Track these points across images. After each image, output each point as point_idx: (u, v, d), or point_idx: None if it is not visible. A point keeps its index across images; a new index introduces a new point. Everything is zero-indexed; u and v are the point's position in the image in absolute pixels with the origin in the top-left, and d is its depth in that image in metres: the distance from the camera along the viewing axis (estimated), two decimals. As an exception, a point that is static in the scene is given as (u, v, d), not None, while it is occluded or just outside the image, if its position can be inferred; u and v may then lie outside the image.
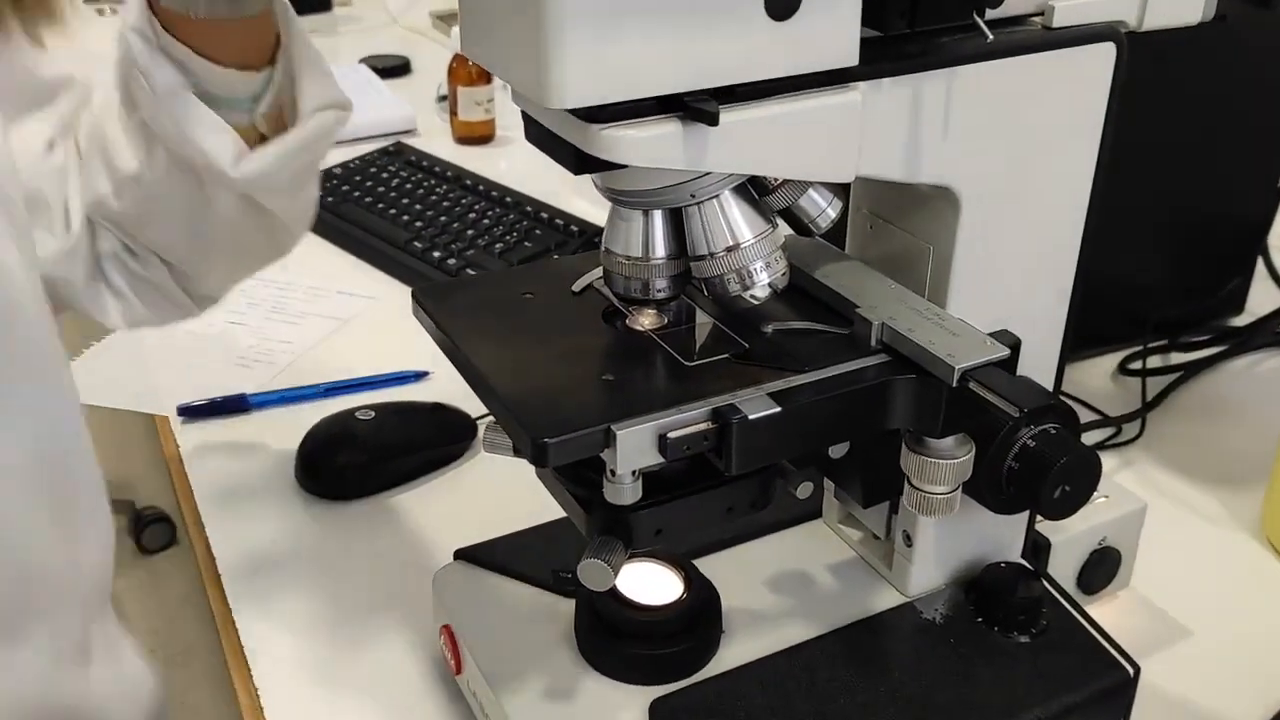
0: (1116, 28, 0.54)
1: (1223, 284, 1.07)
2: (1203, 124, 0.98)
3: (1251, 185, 1.05)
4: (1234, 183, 1.04)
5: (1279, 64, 0.99)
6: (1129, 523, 0.73)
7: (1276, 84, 1.00)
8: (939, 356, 0.49)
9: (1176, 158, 0.98)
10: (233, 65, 0.63)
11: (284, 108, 0.66)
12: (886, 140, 0.50)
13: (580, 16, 0.41)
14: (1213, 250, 1.06)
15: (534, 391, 0.49)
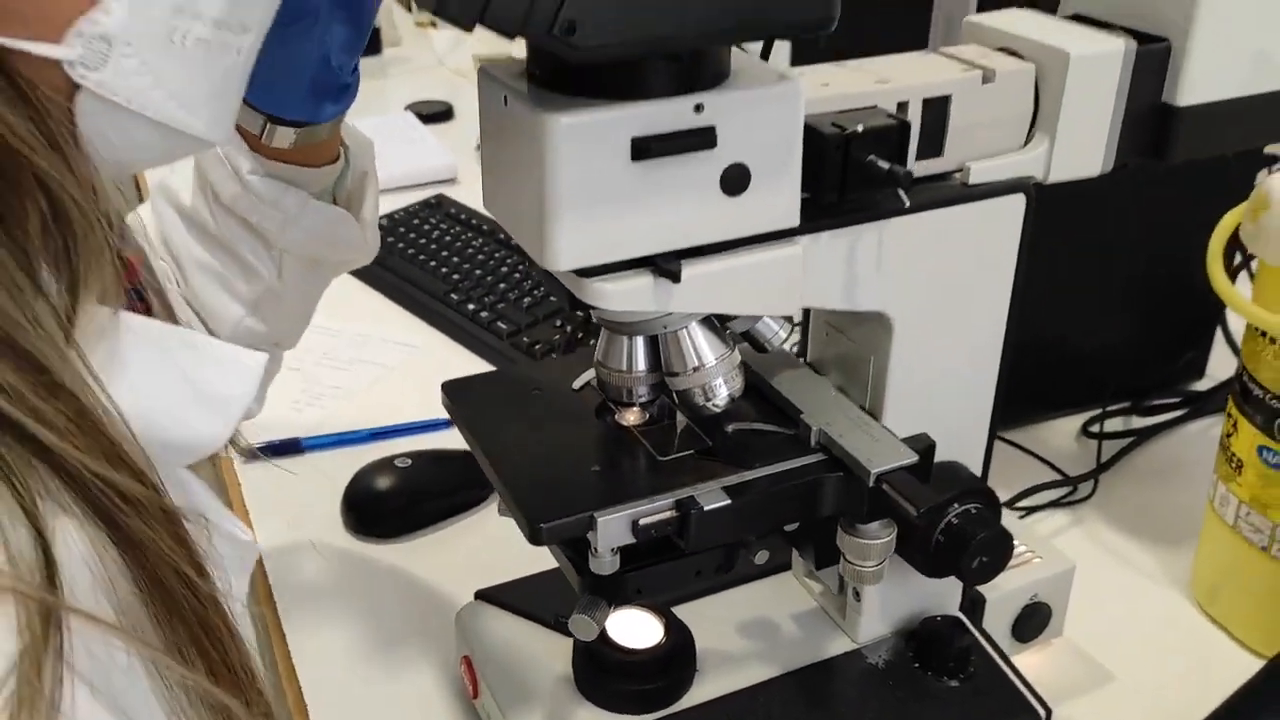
0: (1026, 181, 0.66)
1: (1184, 351, 1.17)
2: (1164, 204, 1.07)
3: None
4: (1194, 257, 1.14)
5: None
6: (1059, 581, 0.84)
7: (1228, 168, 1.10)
8: (860, 461, 0.60)
9: (1140, 235, 1.08)
10: (324, 164, 0.76)
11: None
12: (826, 279, 0.62)
13: (571, 203, 0.53)
14: (1175, 319, 1.16)
15: (533, 481, 0.61)
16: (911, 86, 0.62)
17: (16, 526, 0.37)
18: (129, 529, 0.41)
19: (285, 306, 0.80)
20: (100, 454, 0.40)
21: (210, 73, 0.46)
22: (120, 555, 0.41)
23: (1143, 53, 0.65)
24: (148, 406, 0.44)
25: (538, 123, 0.51)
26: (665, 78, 0.52)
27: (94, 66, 0.42)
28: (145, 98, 0.44)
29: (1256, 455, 0.82)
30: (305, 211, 0.73)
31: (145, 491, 0.42)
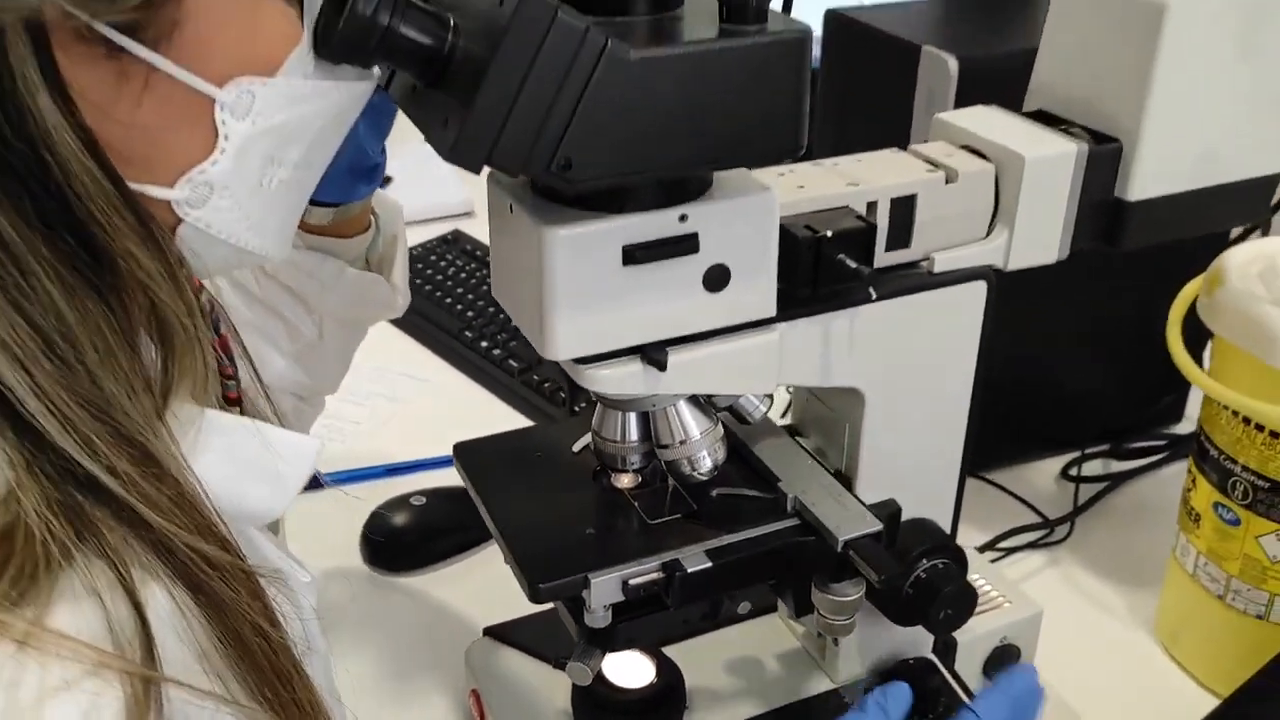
0: (987, 270, 0.72)
1: (1162, 395, 1.23)
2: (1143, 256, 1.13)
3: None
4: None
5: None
6: (1027, 624, 0.90)
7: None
8: (830, 528, 0.66)
9: (1121, 285, 1.14)
10: (357, 234, 0.82)
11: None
12: (802, 361, 0.68)
13: (568, 302, 0.59)
14: (1154, 365, 1.21)
15: (533, 542, 0.67)
16: (880, 188, 0.68)
17: (117, 602, 0.44)
18: (214, 591, 0.48)
19: (325, 358, 0.87)
20: (194, 528, 0.47)
21: (284, 206, 0.54)
22: (203, 614, 0.48)
23: (1095, 153, 0.71)
24: (223, 483, 0.51)
25: (538, 233, 0.57)
26: (653, 193, 0.59)
27: (196, 205, 0.49)
28: (231, 229, 0.52)
29: (1213, 511, 0.88)
30: (341, 279, 0.80)
31: (229, 558, 0.49)
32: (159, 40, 0.44)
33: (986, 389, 1.13)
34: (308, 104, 0.51)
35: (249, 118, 0.48)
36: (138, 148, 0.46)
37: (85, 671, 0.42)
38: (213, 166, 0.49)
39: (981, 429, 1.14)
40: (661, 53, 0.51)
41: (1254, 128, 0.74)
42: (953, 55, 0.95)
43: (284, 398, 0.86)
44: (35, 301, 0.42)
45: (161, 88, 0.46)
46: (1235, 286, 0.83)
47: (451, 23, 0.52)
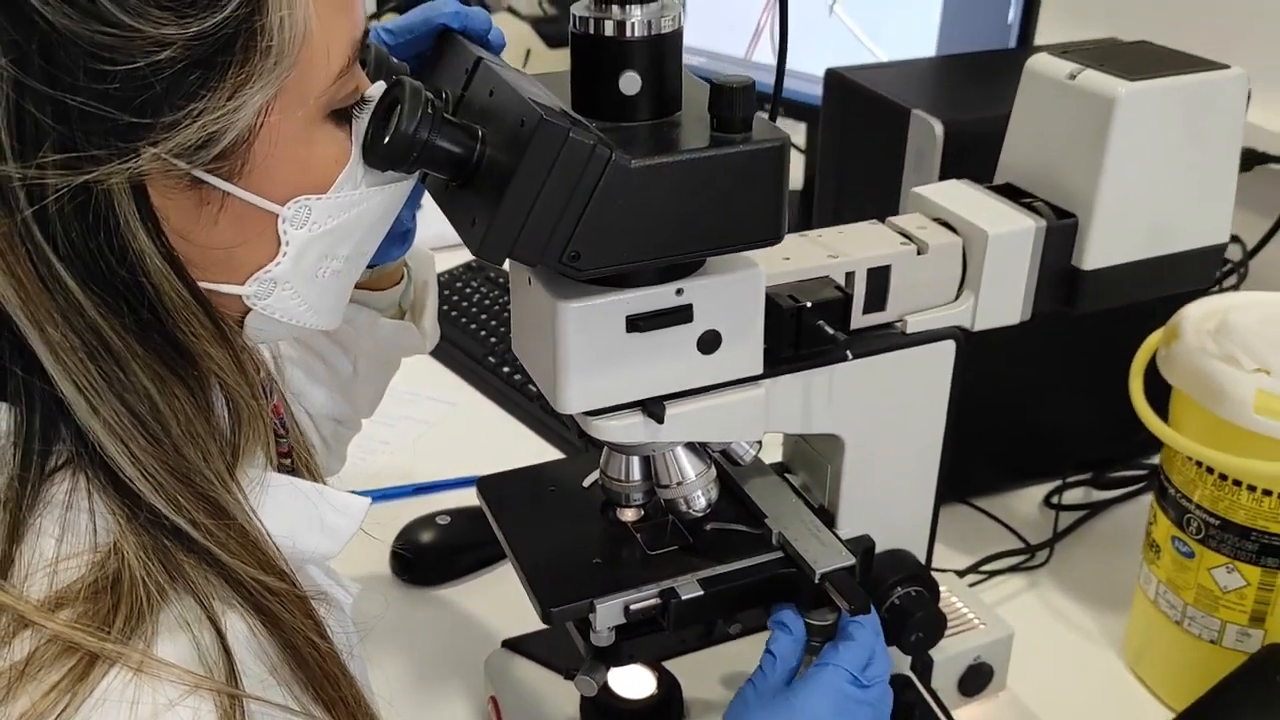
0: (956, 330, 0.80)
1: (1142, 429, 1.30)
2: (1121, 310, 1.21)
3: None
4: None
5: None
6: (999, 645, 0.98)
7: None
8: (808, 561, 0.75)
9: (1102, 321, 1.21)
10: (390, 287, 0.92)
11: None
12: (786, 412, 0.77)
13: (578, 364, 0.68)
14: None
15: (546, 570, 0.76)
16: (857, 259, 0.77)
17: (203, 632, 0.53)
18: (276, 614, 0.58)
19: (360, 391, 0.96)
20: (258, 565, 0.57)
21: (338, 289, 0.64)
22: (269, 634, 0.57)
23: (1053, 228, 0.79)
24: (287, 533, 0.61)
25: (552, 305, 0.66)
26: (653, 271, 0.68)
27: (263, 297, 0.59)
28: (293, 312, 0.61)
29: (1171, 544, 0.96)
30: (375, 327, 0.90)
31: (286, 587, 0.58)
32: (233, 174, 0.54)
33: (975, 421, 1.22)
34: (357, 208, 0.60)
35: (306, 226, 0.58)
36: (215, 256, 0.56)
37: (185, 692, 0.52)
38: (276, 267, 0.58)
39: (969, 458, 1.23)
40: (659, 161, 0.60)
41: (1200, 203, 0.82)
42: (939, 120, 1.03)
43: (325, 423, 0.96)
44: (131, 390, 0.52)
45: (234, 209, 0.55)
46: (1189, 342, 0.91)
47: (480, 134, 0.61)
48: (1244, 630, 0.94)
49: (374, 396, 0.98)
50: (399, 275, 0.91)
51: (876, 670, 0.76)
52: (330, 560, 0.66)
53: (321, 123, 0.57)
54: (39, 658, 0.50)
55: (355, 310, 0.88)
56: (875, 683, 0.75)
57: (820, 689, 0.73)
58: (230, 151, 0.52)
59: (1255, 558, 0.90)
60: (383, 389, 0.99)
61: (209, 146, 0.51)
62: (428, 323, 0.93)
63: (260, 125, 0.53)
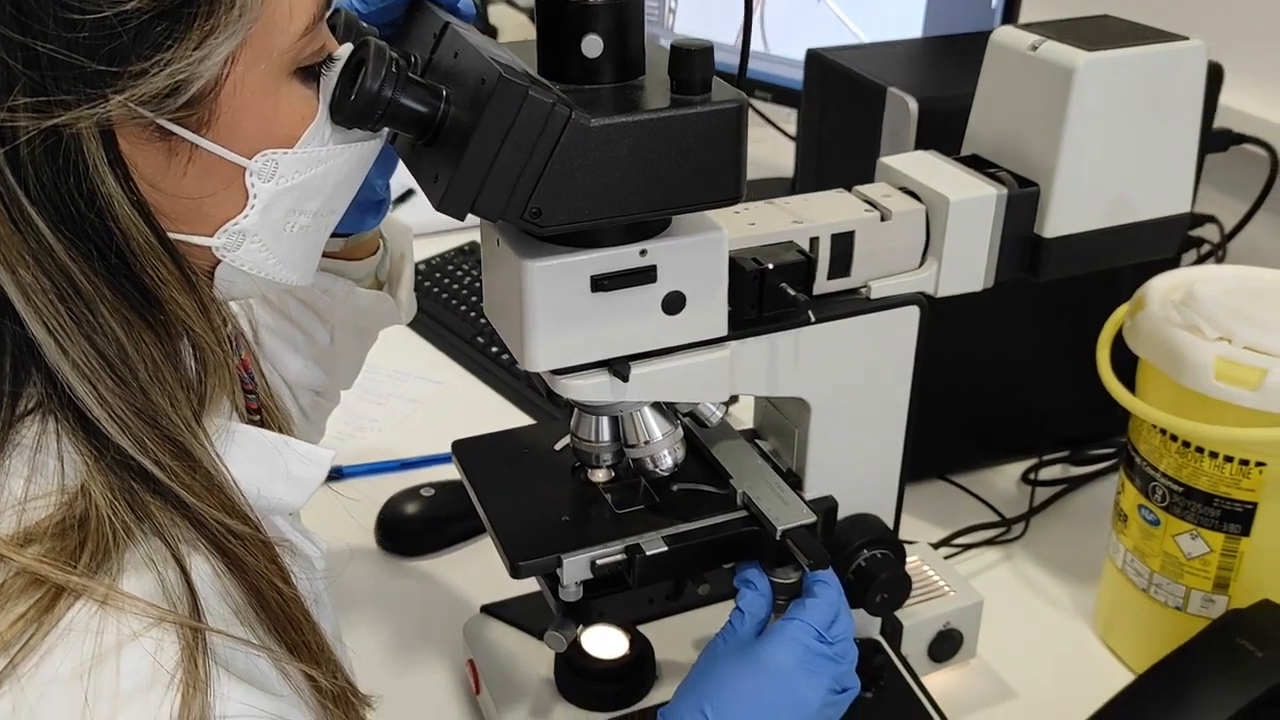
0: (919, 296, 0.82)
1: (1118, 407, 1.32)
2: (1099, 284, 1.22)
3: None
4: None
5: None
6: (969, 612, 1.00)
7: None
8: (770, 519, 0.77)
9: (1079, 299, 1.23)
10: (367, 257, 0.94)
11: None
12: (751, 374, 0.78)
13: (544, 323, 0.69)
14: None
15: (516, 527, 0.78)
16: (822, 225, 0.78)
17: (168, 570, 0.55)
18: (238, 556, 0.60)
19: (338, 361, 0.98)
20: (222, 508, 0.59)
21: (306, 244, 0.66)
22: (232, 574, 0.59)
23: (1014, 196, 0.81)
24: (251, 481, 0.63)
25: (518, 264, 0.68)
26: (617, 232, 0.69)
27: (232, 249, 0.61)
28: (262, 265, 0.63)
29: (1137, 512, 0.98)
30: (351, 296, 0.91)
31: (250, 531, 0.61)
32: (202, 125, 0.56)
33: (955, 398, 1.23)
34: (324, 164, 0.62)
35: (274, 180, 0.60)
36: (184, 206, 0.58)
37: (150, 624, 0.54)
38: (244, 219, 0.60)
39: (949, 435, 1.26)
40: (617, 121, 0.62)
41: (1160, 173, 0.83)
42: (913, 97, 1.04)
43: (303, 393, 0.98)
44: (100, 332, 0.54)
45: (202, 160, 0.57)
46: (1153, 312, 0.92)
47: (444, 94, 0.63)
48: (1208, 596, 0.95)
49: (352, 368, 1.00)
50: (375, 246, 0.93)
51: (840, 628, 0.77)
52: (297, 510, 0.68)
53: (288, 80, 0.59)
54: (6, 590, 0.52)
55: (331, 280, 0.90)
56: (839, 640, 0.77)
57: (785, 642, 0.75)
58: (196, 102, 0.54)
59: (1218, 524, 0.92)
60: (360, 361, 1.01)
61: (175, 96, 0.53)
62: (404, 294, 0.95)
63: (226, 77, 0.55)
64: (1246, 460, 0.89)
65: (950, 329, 1.18)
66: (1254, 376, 0.85)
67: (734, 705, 0.73)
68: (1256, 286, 0.95)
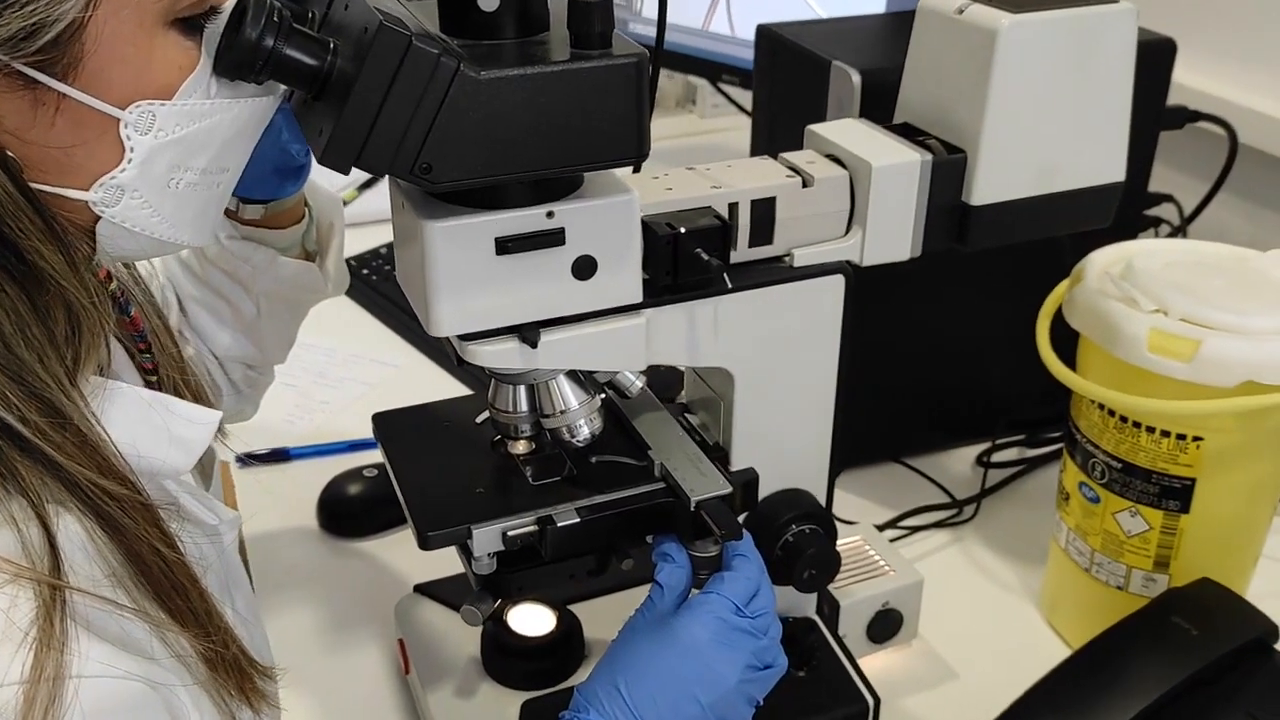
0: (844, 265, 0.80)
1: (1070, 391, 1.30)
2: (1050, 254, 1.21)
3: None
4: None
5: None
6: (909, 591, 0.98)
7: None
8: (685, 490, 0.75)
9: (1033, 289, 1.22)
10: (290, 225, 0.92)
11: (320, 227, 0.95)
12: (670, 342, 0.77)
13: (447, 286, 0.68)
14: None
15: (428, 499, 0.77)
16: (741, 190, 0.77)
17: (30, 528, 0.54)
18: (115, 518, 0.58)
19: (269, 333, 0.97)
20: (95, 468, 0.57)
21: (196, 203, 0.64)
22: (108, 536, 0.58)
23: (940, 162, 0.79)
24: (133, 443, 0.61)
25: (419, 226, 0.67)
26: (523, 192, 0.68)
27: (110, 205, 0.59)
28: (145, 223, 0.61)
29: (1079, 490, 0.96)
30: (274, 265, 0.90)
31: (127, 493, 0.59)
32: (67, 73, 0.54)
33: (910, 381, 1.22)
34: (209, 119, 0.60)
35: (152, 133, 0.58)
36: (54, 159, 0.56)
37: (5, 580, 0.52)
38: (121, 173, 0.58)
39: (904, 418, 1.24)
40: (509, 74, 0.60)
41: (1091, 140, 0.82)
42: (856, 70, 1.03)
43: (234, 367, 0.96)
44: None
45: (71, 110, 0.55)
46: (1090, 285, 0.91)
47: (332, 45, 0.61)
48: (1149, 575, 0.94)
49: (282, 341, 0.99)
50: (299, 214, 0.91)
51: (761, 603, 0.76)
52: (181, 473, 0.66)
53: (164, 29, 0.57)
54: None
55: (252, 249, 0.88)
56: (759, 614, 0.75)
57: (701, 616, 0.73)
58: (57, 46, 0.53)
59: (1157, 500, 0.90)
60: (292, 334, 0.99)
61: (33, 39, 0.52)
62: (331, 265, 0.94)
63: (87, 20, 0.53)
64: (1184, 435, 0.87)
65: (905, 311, 1.17)
66: (1188, 348, 0.83)
67: (648, 680, 0.72)
68: (1197, 260, 0.93)
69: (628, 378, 0.79)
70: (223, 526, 0.71)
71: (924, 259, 0.82)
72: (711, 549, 0.77)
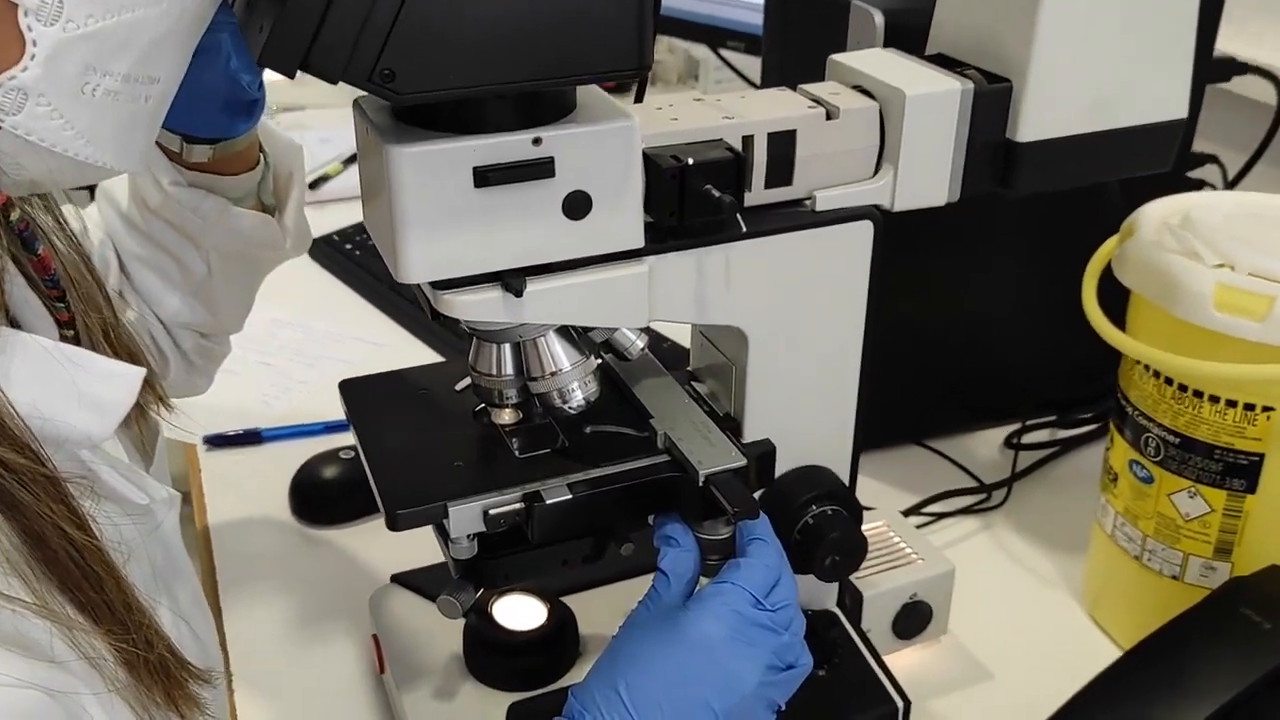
0: (873, 210, 0.71)
1: (1110, 368, 1.20)
2: (1087, 228, 1.11)
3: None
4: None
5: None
6: (939, 581, 0.89)
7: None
8: (692, 462, 0.66)
9: (1067, 258, 1.12)
10: (243, 171, 0.82)
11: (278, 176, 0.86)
12: (676, 296, 0.67)
13: (418, 223, 0.59)
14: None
15: (399, 473, 0.67)
16: (756, 122, 0.67)
17: None
18: (9, 492, 0.49)
19: (221, 295, 0.87)
20: None
21: (118, 117, 0.53)
22: (1, 515, 0.48)
23: (982, 93, 0.70)
24: (38, 405, 0.52)
25: (386, 152, 0.57)
26: (505, 114, 0.58)
27: (12, 111, 0.49)
28: (55, 137, 0.51)
29: (1128, 469, 0.87)
30: (225, 216, 0.80)
31: (26, 462, 0.50)
32: None
33: (933, 358, 1.13)
34: (129, 12, 0.51)
35: (59, 24, 0.48)
36: None
37: None
38: (23, 72, 0.49)
39: (926, 397, 1.14)
40: (486, -38, 0.51)
41: (1152, 70, 0.72)
42: (878, 9, 0.94)
43: (184, 335, 0.87)
44: None
45: None
46: (1145, 238, 0.81)
47: (275, -71, 0.52)
48: (1208, 564, 0.84)
49: (237, 305, 0.89)
50: (253, 159, 0.81)
51: (782, 594, 0.66)
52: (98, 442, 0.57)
53: None
54: None
55: (200, 197, 0.78)
56: (780, 606, 0.66)
57: (714, 609, 0.64)
58: None
59: (1219, 479, 0.81)
60: (248, 298, 0.90)
61: None
62: (290, 219, 0.84)
63: None
64: (1252, 405, 0.77)
65: (924, 278, 1.08)
66: (1260, 306, 0.74)
67: (653, 682, 0.62)
68: (1260, 212, 0.84)
69: (627, 336, 0.70)
70: (156, 506, 0.61)
71: (944, 220, 0.73)
72: (723, 530, 0.68)
